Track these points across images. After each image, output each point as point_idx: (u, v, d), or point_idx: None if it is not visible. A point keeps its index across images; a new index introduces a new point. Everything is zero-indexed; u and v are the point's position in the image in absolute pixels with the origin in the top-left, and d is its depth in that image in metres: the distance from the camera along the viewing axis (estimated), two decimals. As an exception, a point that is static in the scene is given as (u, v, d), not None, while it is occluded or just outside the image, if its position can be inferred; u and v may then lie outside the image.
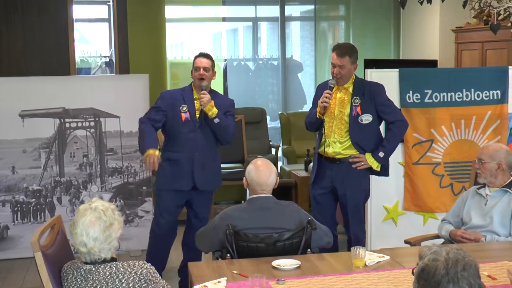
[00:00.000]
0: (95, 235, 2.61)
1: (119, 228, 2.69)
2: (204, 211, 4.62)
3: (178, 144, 4.47)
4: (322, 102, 4.33)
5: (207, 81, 4.43)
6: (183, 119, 4.43)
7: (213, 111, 4.36)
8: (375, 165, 4.40)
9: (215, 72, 4.54)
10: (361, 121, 4.37)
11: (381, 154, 4.38)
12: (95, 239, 2.61)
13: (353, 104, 4.37)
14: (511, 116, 5.02)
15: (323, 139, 4.46)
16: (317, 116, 4.42)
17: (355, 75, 4.47)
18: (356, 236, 4.47)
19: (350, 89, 4.41)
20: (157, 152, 4.32)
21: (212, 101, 4.37)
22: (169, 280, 4.62)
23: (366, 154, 4.39)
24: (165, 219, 4.54)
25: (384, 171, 4.51)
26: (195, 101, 4.46)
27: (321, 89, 4.54)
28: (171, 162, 4.48)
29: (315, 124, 4.51)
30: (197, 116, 4.44)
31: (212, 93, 4.50)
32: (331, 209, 4.54)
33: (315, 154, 4.59)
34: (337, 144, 4.42)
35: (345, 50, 4.37)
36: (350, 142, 4.39)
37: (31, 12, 7.26)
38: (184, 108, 4.44)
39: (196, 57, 4.53)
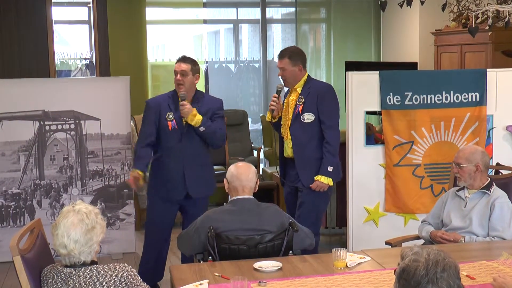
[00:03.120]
0: (76, 237, 2.59)
1: (101, 232, 2.67)
2: None
3: (167, 153, 4.33)
4: (270, 106, 4.43)
5: (186, 86, 4.28)
6: (170, 127, 4.30)
7: (196, 120, 4.23)
8: (331, 182, 4.38)
9: (198, 76, 4.37)
10: (303, 119, 4.40)
11: (330, 169, 4.34)
12: (76, 241, 2.59)
13: (297, 103, 4.42)
14: (489, 117, 5.09)
15: (284, 141, 4.55)
16: (267, 119, 4.53)
17: (308, 76, 4.50)
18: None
19: (299, 90, 4.47)
20: (140, 172, 4.27)
21: (194, 109, 4.24)
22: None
23: (316, 176, 4.36)
24: (157, 227, 4.45)
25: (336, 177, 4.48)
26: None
27: None
28: (162, 171, 4.35)
29: (275, 128, 4.62)
30: (184, 123, 4.30)
31: (198, 96, 4.38)
32: None
33: (280, 156, 4.65)
34: (290, 144, 4.49)
35: (284, 53, 4.43)
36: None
37: (9, 14, 7.18)
38: (170, 116, 4.30)
39: (176, 61, 4.39)
